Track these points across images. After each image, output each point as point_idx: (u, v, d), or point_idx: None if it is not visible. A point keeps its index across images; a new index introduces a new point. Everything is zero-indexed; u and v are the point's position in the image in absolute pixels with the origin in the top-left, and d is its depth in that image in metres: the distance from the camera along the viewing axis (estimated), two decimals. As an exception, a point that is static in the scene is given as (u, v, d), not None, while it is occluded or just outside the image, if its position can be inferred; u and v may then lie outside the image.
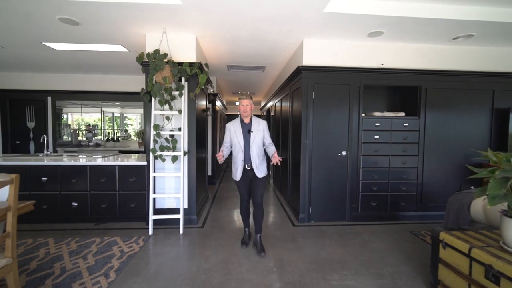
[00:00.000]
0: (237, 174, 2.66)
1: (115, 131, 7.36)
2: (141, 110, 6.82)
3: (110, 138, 6.93)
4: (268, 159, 2.82)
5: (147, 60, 3.08)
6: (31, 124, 5.70)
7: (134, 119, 7.92)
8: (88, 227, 3.31)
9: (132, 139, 7.20)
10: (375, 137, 3.58)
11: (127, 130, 7.56)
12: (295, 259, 2.57)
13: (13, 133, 5.66)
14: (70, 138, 6.46)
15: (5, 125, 5.60)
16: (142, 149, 6.21)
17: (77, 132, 6.56)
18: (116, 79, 5.69)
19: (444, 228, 2.05)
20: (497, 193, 1.49)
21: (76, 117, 6.81)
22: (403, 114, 3.65)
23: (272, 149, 2.73)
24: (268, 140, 2.75)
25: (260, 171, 2.66)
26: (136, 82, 5.63)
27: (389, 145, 3.62)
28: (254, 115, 2.83)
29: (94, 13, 2.69)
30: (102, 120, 7.06)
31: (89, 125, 6.97)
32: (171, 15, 2.76)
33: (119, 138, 6.99)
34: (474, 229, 2.02)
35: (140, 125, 7.32)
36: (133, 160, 3.55)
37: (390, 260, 2.57)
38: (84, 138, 6.63)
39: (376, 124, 3.58)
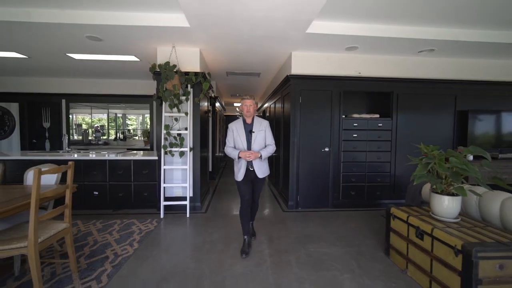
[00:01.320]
0: (239, 175, 2.65)
1: (118, 131, 7.90)
2: (142, 111, 7.40)
3: (117, 137, 7.46)
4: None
5: (159, 70, 3.64)
6: (46, 124, 6.23)
7: (133, 119, 8.45)
8: (107, 213, 3.87)
9: (134, 138, 7.74)
10: (354, 135, 4.17)
11: (130, 130, 8.09)
12: (282, 235, 3.15)
13: (31, 132, 6.19)
14: (80, 137, 7.00)
15: (23, 125, 6.13)
16: (148, 147, 6.76)
17: (87, 131, 7.09)
18: (123, 83, 6.22)
19: (396, 205, 2.64)
20: (422, 173, 2.07)
21: (81, 117, 7.33)
22: (377, 115, 4.25)
23: (267, 149, 2.66)
24: (269, 140, 2.71)
25: (262, 171, 2.67)
26: (140, 86, 6.20)
27: (366, 143, 4.21)
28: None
29: (116, 32, 3.25)
30: (108, 120, 7.59)
31: (97, 125, 7.51)
32: (180, 34, 3.33)
33: (126, 137, 7.54)
34: (419, 206, 2.61)
35: (141, 125, 7.88)
36: (145, 156, 4.11)
37: (360, 235, 3.16)
38: (93, 137, 7.17)
39: (355, 124, 4.17)
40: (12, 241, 1.77)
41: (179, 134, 3.85)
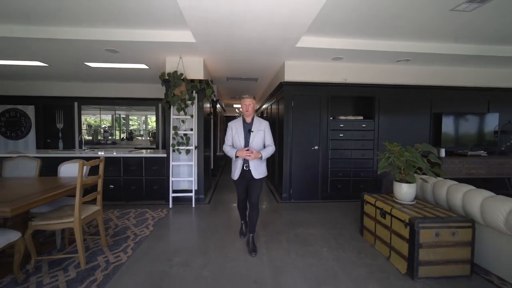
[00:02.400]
0: (235, 174, 2.66)
1: (121, 131, 8.39)
2: (144, 112, 7.92)
3: (125, 137, 7.97)
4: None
5: (168, 78, 4.15)
6: (60, 125, 6.73)
7: (135, 120, 8.96)
8: (122, 204, 4.38)
9: (137, 138, 8.24)
10: (340, 135, 4.69)
11: (134, 131, 8.59)
12: (276, 221, 3.67)
13: (45, 133, 6.69)
14: (91, 138, 7.50)
15: (38, 126, 6.63)
16: (154, 146, 7.26)
17: (97, 132, 7.60)
18: (130, 87, 6.72)
19: (369, 193, 3.15)
20: (384, 165, 2.59)
21: (91, 119, 7.82)
22: (361, 117, 4.77)
23: (267, 150, 2.65)
24: (269, 141, 2.70)
25: (259, 172, 2.63)
26: (147, 90, 6.70)
27: (351, 141, 4.73)
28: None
29: (131, 46, 3.75)
30: (113, 121, 8.08)
31: (105, 126, 8.01)
32: (187, 48, 3.84)
33: (132, 137, 8.04)
34: (387, 193, 3.13)
35: (143, 125, 8.40)
36: (154, 153, 4.61)
37: (342, 221, 3.67)
38: (102, 137, 7.67)
39: (341, 125, 4.69)
40: (62, 217, 2.28)
41: (185, 134, 4.36)
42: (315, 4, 2.54)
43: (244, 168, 2.63)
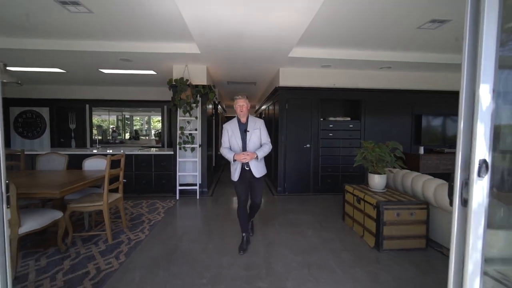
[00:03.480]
0: (235, 175, 2.65)
1: (126, 130, 8.90)
2: (147, 113, 8.44)
3: (131, 136, 8.49)
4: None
5: (175, 83, 4.66)
6: (72, 126, 7.25)
7: (138, 120, 9.47)
8: (134, 196, 4.89)
9: (141, 138, 8.75)
10: (330, 134, 5.20)
11: (140, 130, 9.10)
12: (270, 210, 4.18)
13: (59, 132, 7.22)
14: (100, 137, 8.02)
15: (53, 126, 7.16)
16: (159, 145, 7.77)
17: (107, 132, 8.12)
18: (137, 90, 7.24)
19: (350, 184, 3.66)
20: (359, 159, 3.10)
21: (100, 119, 8.34)
22: (349, 118, 5.28)
23: (263, 149, 2.67)
24: (265, 139, 2.72)
25: (259, 171, 2.66)
26: (153, 93, 7.21)
27: (340, 140, 5.23)
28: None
29: (143, 57, 4.27)
30: (118, 121, 8.60)
31: (113, 126, 8.53)
32: (192, 57, 4.35)
33: (139, 137, 8.57)
34: (366, 184, 3.63)
35: (146, 125, 8.93)
36: (163, 151, 5.13)
37: (329, 210, 4.18)
38: (110, 137, 8.19)
39: (330, 125, 5.19)
40: (93, 201, 2.80)
41: (190, 134, 4.87)
42: (301, 24, 3.05)
43: (245, 168, 2.63)
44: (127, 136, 8.60)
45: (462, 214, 1.21)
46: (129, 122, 9.36)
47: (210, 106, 6.02)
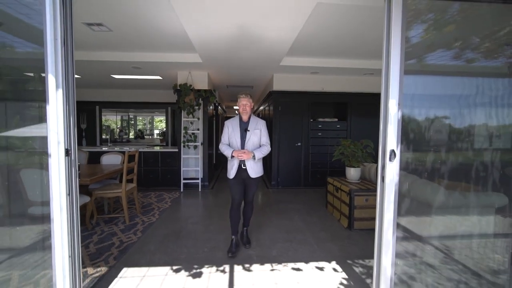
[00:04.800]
0: (232, 172, 2.64)
1: (129, 130, 9.46)
2: (150, 114, 8.97)
3: (137, 135, 9.06)
4: (264, 159, 2.85)
5: (179, 88, 5.22)
6: (83, 126, 7.82)
7: (140, 120, 10.03)
8: (143, 189, 5.46)
9: (146, 137, 9.31)
10: (319, 134, 5.75)
11: (144, 130, 9.66)
12: (265, 200, 4.74)
13: (71, 132, 7.77)
14: (108, 136, 8.59)
15: (65, 126, 7.72)
16: (164, 144, 8.34)
17: (115, 131, 8.69)
18: (144, 93, 7.80)
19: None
20: (337, 154, 3.66)
21: (108, 119, 8.90)
22: (336, 119, 5.82)
23: (261, 150, 2.66)
24: (264, 141, 2.72)
25: (255, 171, 2.64)
26: (158, 95, 7.77)
27: (328, 139, 5.78)
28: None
29: (152, 65, 4.83)
30: (123, 121, 9.17)
31: (121, 126, 9.10)
32: (195, 65, 4.91)
33: (144, 136, 9.14)
34: (345, 176, 4.17)
35: (149, 125, 9.49)
36: (168, 148, 5.69)
37: (315, 201, 4.74)
38: (118, 136, 8.76)
39: (319, 126, 5.75)
40: (113, 189, 3.37)
41: (193, 133, 5.44)
42: (288, 39, 3.61)
43: (242, 166, 2.62)
44: (131, 135, 9.18)
45: (382, 187, 1.78)
46: (132, 122, 9.98)
47: (211, 107, 6.59)
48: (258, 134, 2.70)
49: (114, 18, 3.17)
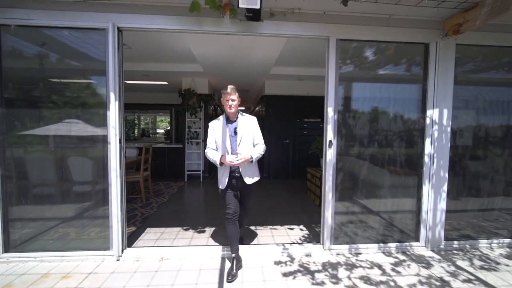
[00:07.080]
0: (223, 181, 2.25)
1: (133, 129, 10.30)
2: (153, 114, 9.82)
3: (143, 134, 9.92)
4: (260, 161, 2.43)
5: (184, 92, 6.08)
6: (95, 125, 8.66)
7: (142, 120, 10.88)
8: (153, 179, 6.30)
9: (149, 136, 10.15)
10: (304, 132, 6.62)
11: (150, 129, 10.52)
12: (258, 190, 5.58)
13: (84, 131, 8.62)
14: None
15: (80, 125, 8.58)
16: (168, 141, 9.19)
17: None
18: (150, 95, 8.64)
19: (311, 167, 5.10)
20: (313, 147, 4.53)
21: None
22: (320, 119, 6.70)
23: (257, 150, 2.28)
24: (258, 139, 2.35)
25: (251, 176, 2.28)
26: (163, 97, 8.61)
27: (313, 137, 6.63)
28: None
29: (160, 73, 5.69)
30: (132, 121, 10.02)
31: (127, 125, 9.95)
32: (197, 73, 5.77)
33: (150, 134, 10.00)
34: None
35: (152, 125, 10.35)
36: (173, 145, 6.55)
37: (299, 188, 5.61)
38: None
39: (305, 125, 6.62)
40: (133, 175, 4.23)
41: (195, 131, 6.30)
42: (273, 56, 4.48)
43: (236, 173, 2.25)
44: (136, 134, 10.04)
45: (325, 165, 2.65)
46: (136, 122, 10.83)
47: (212, 108, 7.45)
48: (251, 133, 2.30)
49: (136, 40, 4.04)
